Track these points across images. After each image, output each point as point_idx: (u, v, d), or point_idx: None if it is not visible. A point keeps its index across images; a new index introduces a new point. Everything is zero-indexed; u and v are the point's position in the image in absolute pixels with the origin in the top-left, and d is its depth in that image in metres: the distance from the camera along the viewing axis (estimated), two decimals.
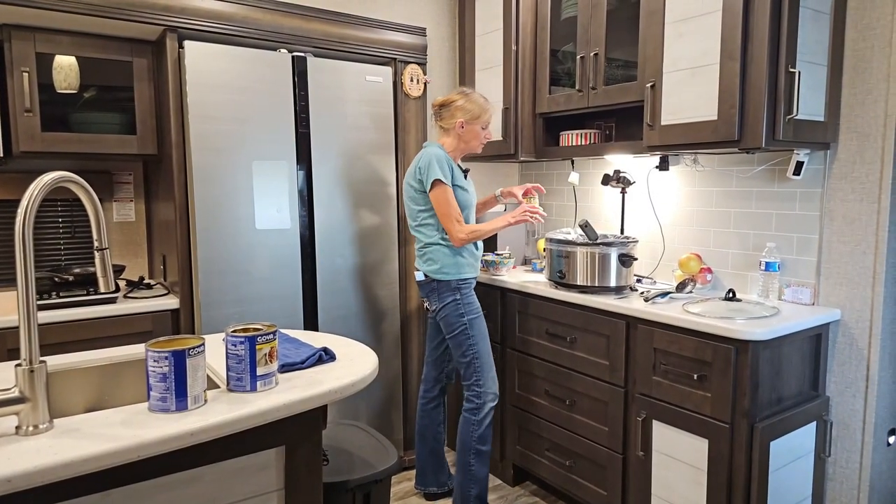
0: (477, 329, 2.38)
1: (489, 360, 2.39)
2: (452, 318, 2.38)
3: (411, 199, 2.41)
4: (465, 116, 2.38)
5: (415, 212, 2.41)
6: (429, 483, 2.64)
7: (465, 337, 2.37)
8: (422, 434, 2.62)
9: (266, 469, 1.32)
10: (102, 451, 1.03)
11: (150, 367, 1.18)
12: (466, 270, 2.39)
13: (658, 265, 2.72)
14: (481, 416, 2.38)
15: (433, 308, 2.43)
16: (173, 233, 2.32)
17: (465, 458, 2.40)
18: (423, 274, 2.42)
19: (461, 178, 2.39)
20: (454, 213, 2.31)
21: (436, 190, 2.30)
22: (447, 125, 2.42)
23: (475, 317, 2.39)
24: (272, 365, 1.32)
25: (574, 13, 2.60)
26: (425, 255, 2.41)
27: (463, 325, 2.36)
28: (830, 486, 2.20)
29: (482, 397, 2.38)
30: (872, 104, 2.03)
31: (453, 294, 2.37)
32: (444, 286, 2.38)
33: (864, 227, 2.06)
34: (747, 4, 1.92)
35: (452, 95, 2.42)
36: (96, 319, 2.15)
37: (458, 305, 2.37)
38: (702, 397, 1.96)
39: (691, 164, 2.55)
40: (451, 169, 2.33)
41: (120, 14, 2.16)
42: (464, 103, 2.39)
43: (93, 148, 2.31)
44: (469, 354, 2.37)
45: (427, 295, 2.44)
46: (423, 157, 2.34)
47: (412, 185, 2.38)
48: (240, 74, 2.32)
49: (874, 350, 2.07)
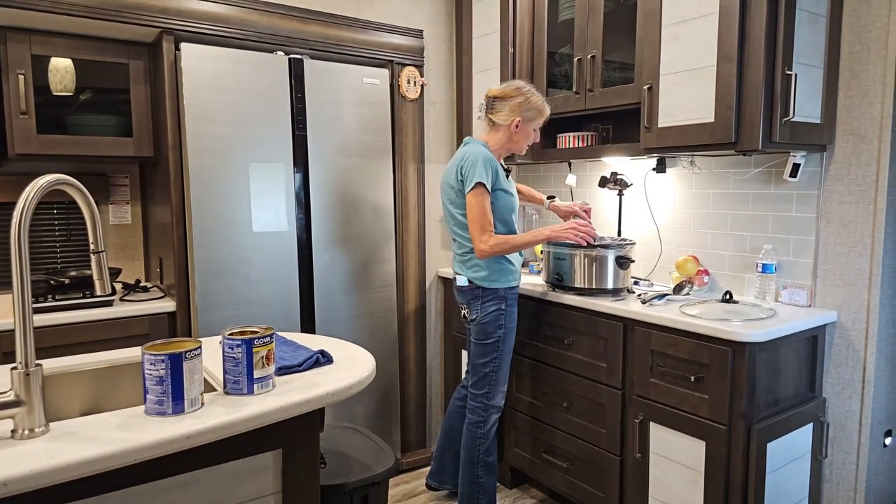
0: (508, 344, 2.32)
1: (505, 377, 2.35)
2: (491, 327, 2.28)
3: (451, 202, 2.28)
4: (526, 113, 2.24)
5: (455, 215, 2.28)
6: (446, 481, 2.61)
7: (494, 349, 2.29)
8: (449, 434, 2.58)
9: (263, 472, 1.32)
10: (99, 455, 1.02)
11: (146, 370, 1.18)
12: (514, 278, 2.30)
13: (655, 267, 2.72)
14: (487, 428, 2.36)
15: (473, 316, 2.30)
16: (170, 235, 2.32)
17: (475, 472, 2.37)
18: (466, 279, 2.29)
19: (505, 180, 2.26)
20: (485, 222, 2.17)
21: (475, 192, 2.15)
22: (500, 120, 2.26)
23: (510, 330, 2.32)
24: (269, 368, 1.32)
25: (571, 15, 2.61)
26: (471, 261, 2.28)
27: (498, 337, 2.29)
28: (827, 488, 2.20)
29: (488, 411, 2.35)
30: (868, 106, 2.03)
31: (498, 303, 2.27)
32: (489, 294, 2.27)
33: (860, 229, 2.07)
34: (744, 7, 1.93)
35: (509, 90, 2.27)
36: (92, 322, 2.15)
37: (500, 315, 2.28)
38: (699, 399, 1.96)
39: (688, 166, 2.55)
40: (495, 172, 2.21)
41: (116, 16, 2.15)
42: (523, 101, 2.24)
43: (89, 150, 2.30)
44: (490, 366, 2.31)
45: (468, 302, 2.31)
46: (469, 156, 2.20)
47: (452, 186, 2.25)
48: (236, 77, 2.32)
49: (870, 352, 2.07)
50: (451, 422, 2.60)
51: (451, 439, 2.59)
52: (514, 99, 2.25)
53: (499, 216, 2.26)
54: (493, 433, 2.37)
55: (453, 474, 2.60)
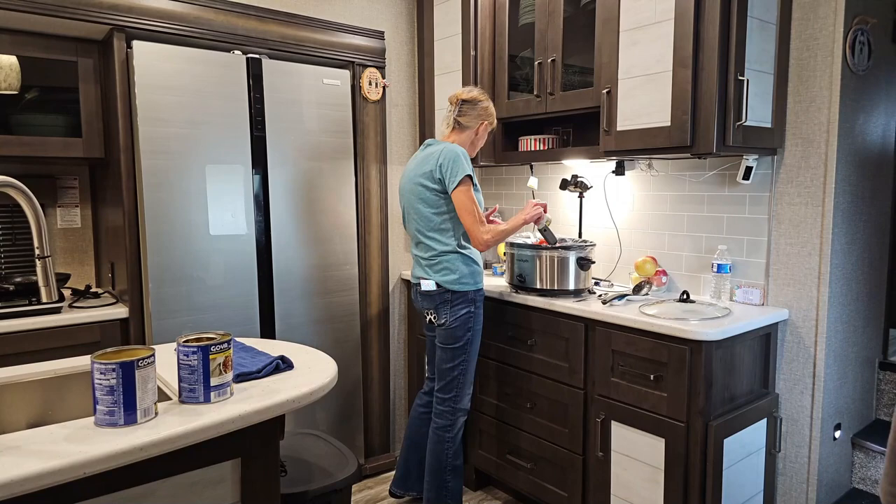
0: (475, 346, 2.33)
1: (471, 378, 2.36)
2: (461, 331, 2.27)
3: (425, 202, 2.25)
4: (487, 120, 2.35)
5: (428, 215, 2.26)
6: (410, 488, 2.59)
7: (462, 352, 2.30)
8: (413, 440, 2.56)
9: (222, 482, 1.28)
10: (46, 469, 0.98)
11: (96, 379, 1.13)
12: (481, 280, 2.33)
13: (615, 268, 2.76)
14: (454, 432, 2.35)
15: (442, 321, 2.28)
16: (122, 239, 2.24)
17: (442, 477, 2.36)
18: (434, 284, 2.27)
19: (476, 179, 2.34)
20: (480, 214, 2.20)
21: (462, 188, 2.16)
22: (468, 123, 2.33)
23: (478, 333, 2.33)
24: (227, 375, 1.28)
25: (531, 20, 2.63)
26: (440, 265, 2.26)
27: (466, 340, 2.29)
28: (781, 481, 2.27)
29: (455, 414, 2.35)
30: (816, 112, 2.11)
31: (468, 306, 2.28)
32: (459, 297, 2.26)
33: (809, 229, 2.14)
34: (698, 13, 1.97)
35: (478, 94, 2.36)
36: (39, 330, 2.06)
37: (469, 319, 2.29)
38: (658, 397, 1.99)
39: (646, 168, 2.60)
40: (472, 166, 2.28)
41: (64, 12, 2.07)
42: (488, 106, 2.36)
43: (35, 151, 2.21)
44: (458, 370, 2.31)
45: (436, 307, 2.29)
46: (445, 155, 2.19)
47: (427, 186, 2.23)
48: (192, 76, 2.26)
49: (820, 348, 2.15)
50: (414, 428, 2.58)
51: (415, 446, 2.57)
52: (482, 103, 2.35)
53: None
54: (460, 437, 2.37)
55: (417, 481, 2.59)
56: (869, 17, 2.12)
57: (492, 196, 3.39)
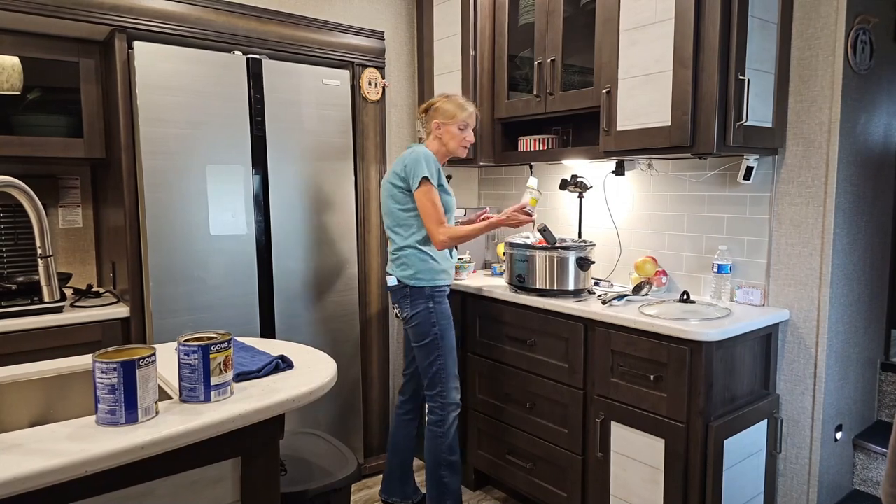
0: (447, 340, 2.34)
1: (454, 371, 2.37)
2: (424, 326, 2.32)
3: (391, 197, 2.35)
4: (442, 117, 2.36)
5: (395, 210, 2.34)
6: (394, 493, 2.60)
7: (434, 347, 2.32)
8: (394, 445, 2.58)
9: (222, 481, 1.28)
10: (48, 468, 0.98)
11: (97, 378, 1.14)
12: (441, 277, 2.35)
13: (615, 268, 2.76)
14: (446, 427, 2.36)
15: (404, 315, 2.37)
16: (123, 239, 2.25)
17: (438, 473, 2.37)
18: (395, 279, 2.35)
19: (444, 181, 2.35)
20: (439, 215, 2.26)
21: (422, 188, 2.25)
22: (430, 128, 2.40)
23: (447, 327, 2.34)
24: (227, 374, 1.29)
25: (531, 19, 2.63)
26: (399, 260, 2.35)
27: (434, 335, 2.32)
28: (782, 482, 2.27)
29: (445, 409, 2.35)
30: (817, 111, 2.11)
31: (426, 302, 2.32)
32: (417, 293, 2.32)
33: (810, 229, 2.14)
34: (698, 13, 1.97)
35: (432, 101, 2.42)
36: (41, 330, 2.06)
37: (430, 314, 2.32)
38: (658, 398, 1.99)
39: (646, 168, 2.60)
40: (438, 170, 2.31)
41: (65, 13, 2.08)
42: (441, 104, 2.37)
43: (37, 151, 2.22)
44: (436, 365, 2.33)
45: (398, 301, 2.37)
46: (410, 155, 2.29)
47: (395, 184, 2.32)
48: (192, 76, 2.27)
49: (821, 349, 2.15)
50: (395, 433, 2.59)
51: (397, 450, 2.58)
52: (434, 106, 2.40)
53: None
54: (453, 431, 2.37)
55: (399, 485, 2.59)
56: (871, 17, 2.12)
57: (491, 196, 3.39)
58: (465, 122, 2.38)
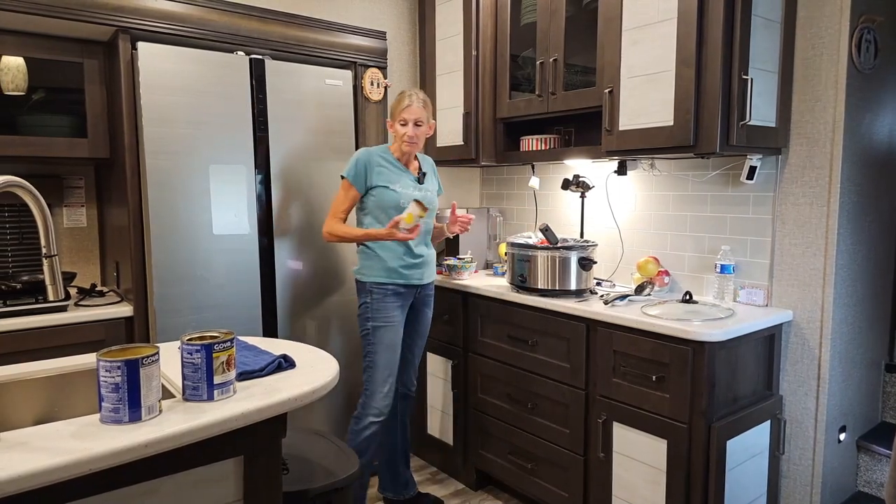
0: (379, 339, 2.32)
1: (383, 375, 2.32)
2: (361, 319, 2.38)
3: None
4: (388, 115, 2.42)
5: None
6: (386, 488, 2.63)
7: (367, 342, 2.35)
8: (381, 443, 2.58)
9: (224, 480, 1.29)
10: (52, 466, 0.99)
11: (101, 377, 1.14)
12: (379, 275, 2.33)
13: (617, 268, 2.76)
14: (360, 426, 2.33)
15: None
16: (127, 238, 2.26)
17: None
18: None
19: (391, 177, 2.32)
20: (335, 210, 2.34)
21: (341, 184, 2.35)
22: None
23: (382, 326, 2.32)
24: (230, 373, 1.29)
25: (533, 19, 2.63)
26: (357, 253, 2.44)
27: (366, 330, 2.35)
28: (785, 483, 2.26)
29: (365, 409, 2.33)
30: (821, 111, 2.10)
31: (365, 297, 2.36)
32: (360, 287, 2.38)
33: (814, 229, 2.14)
34: (701, 12, 1.97)
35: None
36: (45, 328, 2.07)
37: (366, 309, 2.35)
38: (660, 398, 1.99)
39: (648, 168, 2.60)
40: (366, 168, 2.31)
41: (70, 14, 2.09)
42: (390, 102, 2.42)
43: (42, 151, 2.23)
44: (367, 360, 2.35)
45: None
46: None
47: None
48: (196, 77, 2.27)
49: (825, 350, 2.14)
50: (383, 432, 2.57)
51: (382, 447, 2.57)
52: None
53: (373, 212, 2.34)
54: (364, 435, 2.32)
55: (391, 481, 2.61)
56: (875, 16, 2.11)
57: (493, 196, 3.40)
58: (403, 118, 2.32)
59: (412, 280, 2.38)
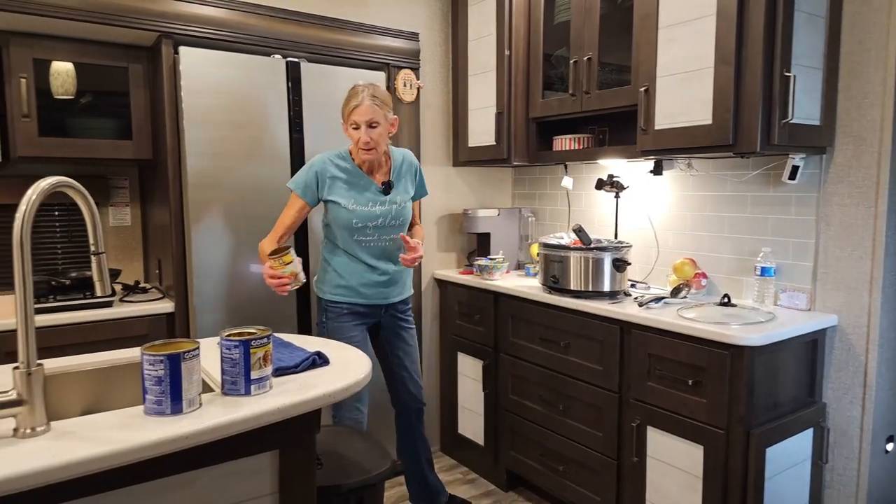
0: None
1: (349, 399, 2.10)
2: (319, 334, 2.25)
3: None
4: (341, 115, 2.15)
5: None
6: (417, 500, 2.56)
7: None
8: (399, 451, 2.53)
9: (260, 473, 1.31)
10: (98, 454, 1.03)
11: (145, 370, 1.18)
12: (339, 293, 2.19)
13: (652, 270, 2.72)
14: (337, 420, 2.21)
15: None
16: (168, 237, 2.32)
17: None
18: None
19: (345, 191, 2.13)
20: (277, 225, 2.15)
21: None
22: None
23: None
24: (266, 369, 1.32)
25: (567, 18, 2.61)
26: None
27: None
28: (828, 494, 2.20)
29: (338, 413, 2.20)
30: (869, 108, 2.04)
31: (322, 314, 2.24)
32: (320, 301, 2.25)
33: (860, 231, 2.07)
34: (741, 8, 1.93)
35: None
36: (93, 323, 2.15)
37: (322, 328, 2.23)
38: (697, 403, 1.96)
39: (685, 168, 2.56)
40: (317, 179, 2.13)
41: (116, 20, 2.16)
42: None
43: (89, 153, 2.31)
44: None
45: None
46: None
47: None
48: (234, 80, 2.32)
49: (872, 356, 2.07)
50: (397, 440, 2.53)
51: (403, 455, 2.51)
52: None
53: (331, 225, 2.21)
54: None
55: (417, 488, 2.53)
56: None
57: (525, 196, 3.38)
58: (353, 121, 2.06)
59: (374, 300, 2.21)
